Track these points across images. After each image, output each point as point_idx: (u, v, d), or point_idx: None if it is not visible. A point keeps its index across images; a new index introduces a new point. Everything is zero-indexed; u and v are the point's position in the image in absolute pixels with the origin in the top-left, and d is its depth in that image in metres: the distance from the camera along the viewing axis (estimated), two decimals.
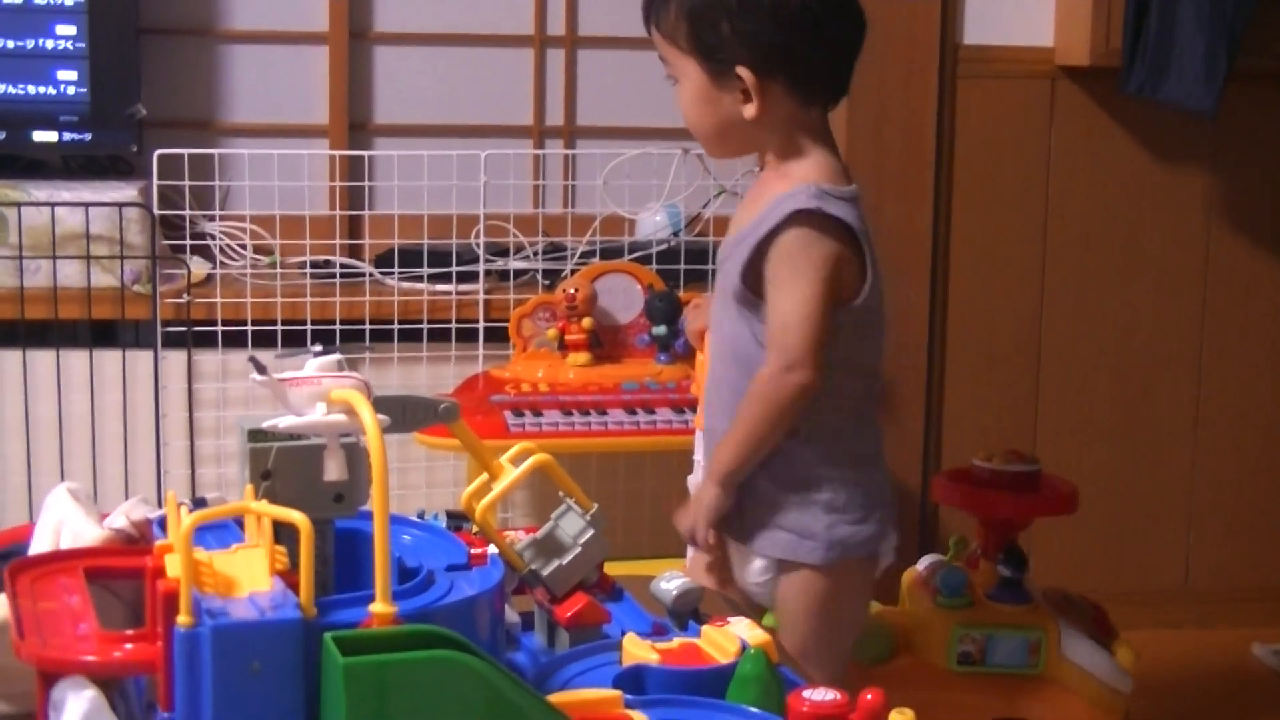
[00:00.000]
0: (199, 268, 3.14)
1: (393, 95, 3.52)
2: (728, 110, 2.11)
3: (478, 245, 3.17)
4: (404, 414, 1.26)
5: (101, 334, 3.13)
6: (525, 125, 3.55)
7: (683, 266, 3.21)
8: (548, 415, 2.95)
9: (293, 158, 3.21)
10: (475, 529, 1.37)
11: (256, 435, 1.22)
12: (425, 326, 3.13)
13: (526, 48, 3.53)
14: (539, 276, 3.24)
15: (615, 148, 3.38)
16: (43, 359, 3.04)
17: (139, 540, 1.41)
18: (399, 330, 3.13)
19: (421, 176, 3.18)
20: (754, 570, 2.18)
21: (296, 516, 1.09)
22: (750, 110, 2.09)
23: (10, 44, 3.14)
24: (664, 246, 3.25)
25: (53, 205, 3.01)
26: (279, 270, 3.18)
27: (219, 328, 3.06)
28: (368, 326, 3.12)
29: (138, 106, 3.19)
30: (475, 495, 1.34)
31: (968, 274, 3.43)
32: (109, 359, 3.07)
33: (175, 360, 3.09)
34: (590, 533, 1.33)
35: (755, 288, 2.10)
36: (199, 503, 1.39)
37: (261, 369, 1.14)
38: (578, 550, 1.33)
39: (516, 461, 1.34)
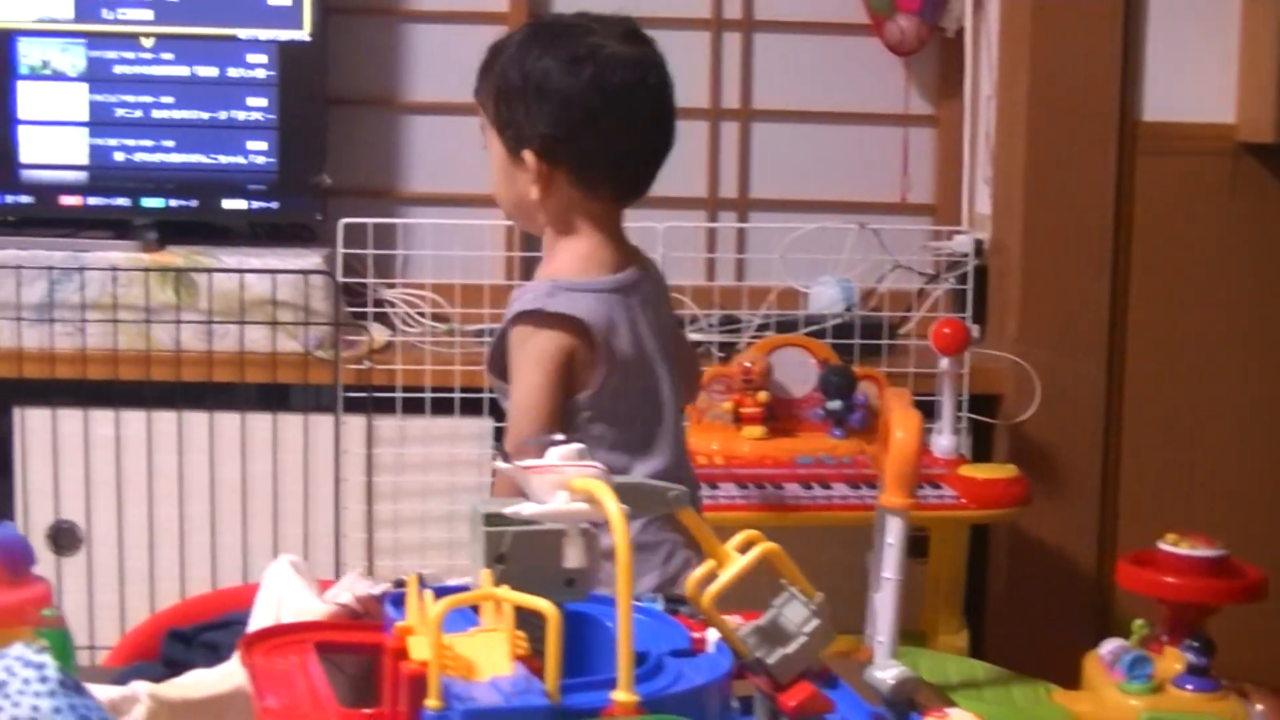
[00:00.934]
0: (379, 334, 3.20)
1: None
2: (521, 188, 2.20)
3: None
4: (635, 500, 1.27)
5: (284, 398, 3.19)
6: (699, 197, 3.57)
7: (857, 341, 3.21)
8: (724, 488, 2.95)
9: (471, 227, 3.25)
10: (694, 612, 1.38)
11: (491, 519, 1.23)
12: None
13: (701, 120, 3.55)
14: (713, 349, 3.25)
15: (788, 220, 3.40)
16: (228, 421, 3.11)
17: (363, 616, 1.43)
18: None
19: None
20: None
21: (544, 604, 1.10)
22: (534, 192, 2.18)
23: (204, 115, 3.22)
24: (839, 320, 3.25)
25: (241, 271, 3.08)
26: (458, 338, 3.22)
27: (399, 394, 3.10)
28: None
29: (323, 176, 3.25)
30: (700, 581, 1.34)
31: (1145, 350, 3.39)
32: (291, 423, 3.13)
33: (355, 425, 3.14)
34: (816, 622, 1.33)
35: (503, 374, 2.18)
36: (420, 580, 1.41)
37: (506, 457, 1.16)
38: (803, 639, 1.32)
39: (742, 548, 1.35)
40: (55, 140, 3.23)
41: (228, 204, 3.25)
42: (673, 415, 2.23)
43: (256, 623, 1.49)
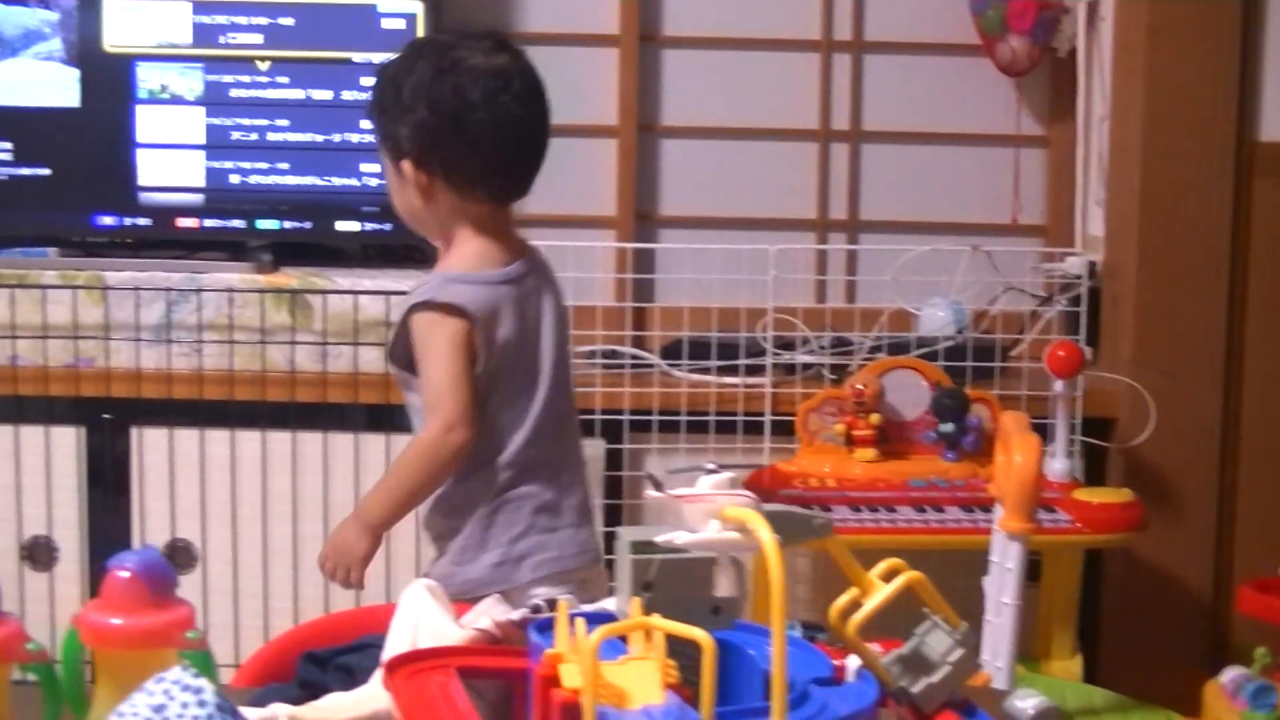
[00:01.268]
0: None
1: (678, 186, 3.57)
2: (410, 198, 2.38)
3: (764, 338, 3.18)
4: (782, 528, 1.27)
5: (393, 418, 3.19)
6: (809, 219, 3.56)
7: (970, 364, 3.19)
8: (836, 511, 2.95)
9: (582, 248, 3.26)
10: (833, 639, 1.37)
11: (639, 547, 1.23)
12: (713, 419, 3.15)
13: (811, 141, 3.55)
14: (824, 370, 3.24)
15: (897, 241, 3.39)
16: (342, 441, 3.13)
17: (502, 641, 1.43)
18: (686, 421, 3.15)
19: (702, 267, 3.21)
20: None
21: (699, 634, 1.10)
22: (418, 200, 2.36)
23: (319, 138, 3.25)
24: (951, 343, 3.24)
25: (355, 293, 3.10)
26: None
27: None
28: (656, 417, 3.15)
29: None
30: (843, 609, 1.34)
31: (1262, 373, 3.35)
32: (402, 443, 3.13)
33: None
34: (960, 652, 1.32)
35: (407, 365, 2.37)
36: (550, 605, 1.42)
37: (659, 486, 1.16)
38: (947, 669, 1.32)
39: (885, 577, 1.34)
40: (173, 163, 3.27)
41: (341, 226, 3.28)
42: (549, 395, 2.40)
43: (393, 646, 1.49)
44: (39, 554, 3.18)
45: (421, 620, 1.51)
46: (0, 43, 3.25)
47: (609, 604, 1.39)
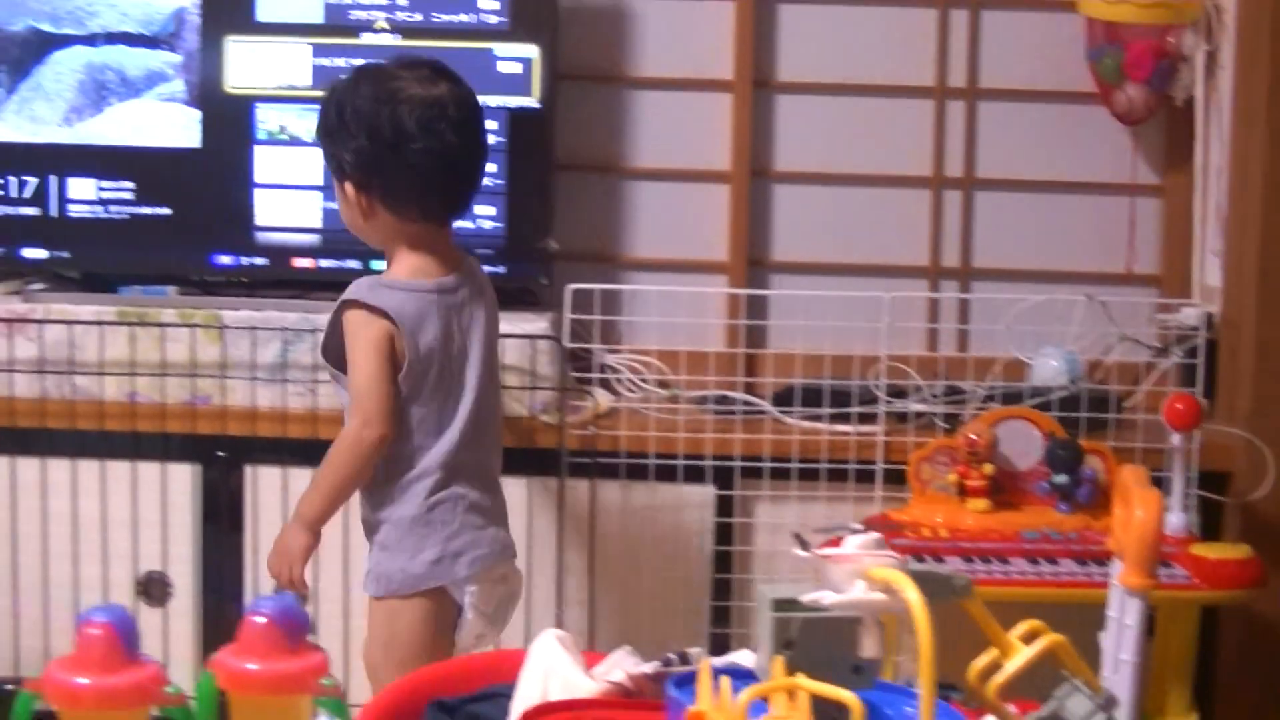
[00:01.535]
0: (603, 399, 3.22)
1: (790, 232, 3.56)
2: (354, 216, 2.58)
3: (877, 386, 3.17)
4: (924, 587, 1.26)
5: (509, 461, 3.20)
6: (921, 265, 3.55)
7: (1084, 414, 3.16)
8: (949, 561, 2.92)
9: (695, 293, 3.27)
10: (969, 699, 1.36)
11: (781, 605, 1.23)
12: (824, 466, 3.14)
13: (924, 189, 3.54)
14: (937, 419, 3.22)
15: (1011, 290, 3.37)
16: None
17: (635, 694, 1.43)
18: (797, 468, 3.14)
19: (815, 313, 3.21)
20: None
21: (847, 696, 1.09)
22: (360, 219, 2.56)
23: None
24: (1065, 393, 3.21)
25: None
26: (681, 405, 3.23)
27: (623, 459, 3.11)
28: (767, 464, 3.14)
29: (550, 241, 3.28)
30: (983, 671, 1.33)
31: None
32: (515, 486, 3.14)
33: (578, 489, 3.15)
34: (1101, 716, 1.31)
35: (337, 363, 2.56)
36: (681, 658, 1.42)
37: (805, 545, 1.16)
38: None
39: (1025, 638, 1.33)
40: (289, 203, 3.31)
41: None
42: (476, 398, 2.57)
43: (523, 697, 1.50)
44: (153, 590, 3.21)
45: (552, 670, 1.52)
46: (124, 84, 3.30)
47: (742, 658, 1.39)
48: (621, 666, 1.46)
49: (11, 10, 3.29)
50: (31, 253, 3.32)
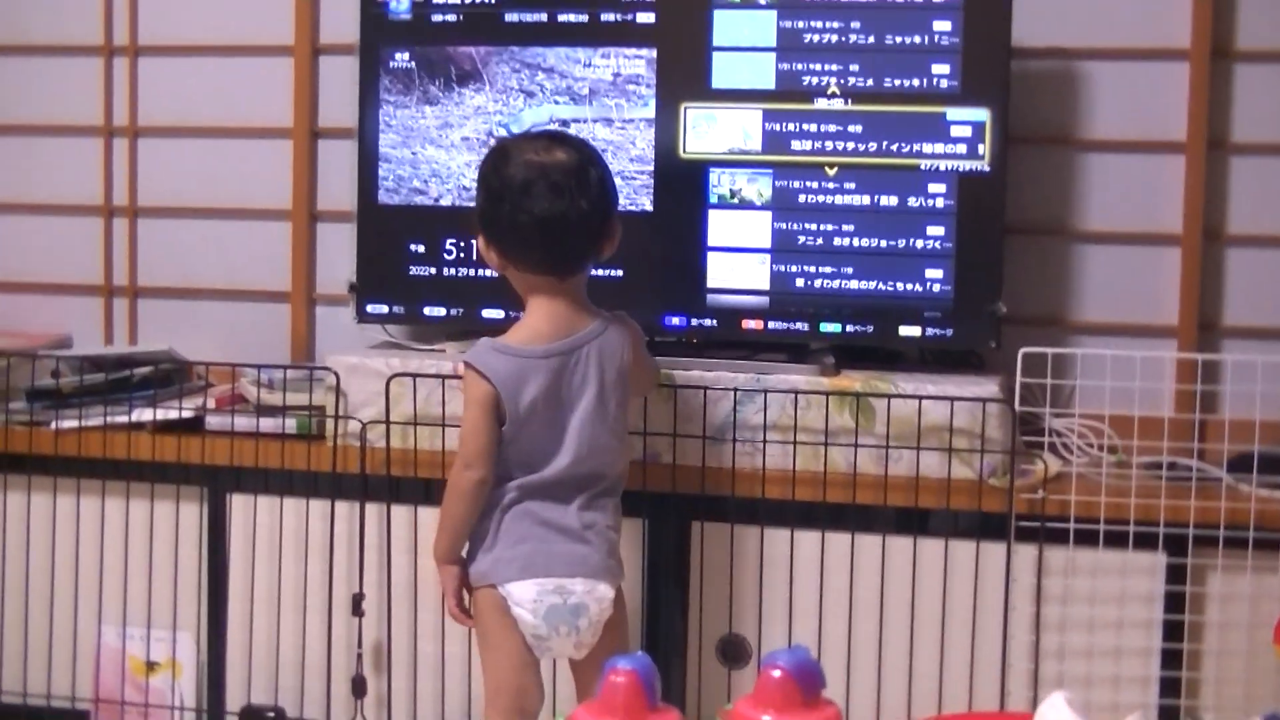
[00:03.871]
0: (1052, 463, 3.18)
1: (1243, 295, 3.47)
2: (494, 267, 2.87)
3: None
4: None
5: (925, 521, 3.19)
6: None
7: None
8: None
9: (1148, 359, 3.20)
10: None
11: None
12: None
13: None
14: None
15: None
16: (891, 543, 3.15)
17: None
18: (1254, 538, 3.05)
19: (1270, 378, 3.10)
20: None
21: None
22: (496, 269, 2.87)
23: (883, 243, 3.30)
24: None
25: (919, 398, 3.12)
26: (1134, 470, 3.17)
27: (1071, 524, 3.07)
28: (1221, 532, 3.06)
29: (999, 304, 3.27)
30: None
31: None
32: (961, 548, 3.14)
33: (1024, 554, 3.12)
34: None
35: None
36: None
37: None
38: None
39: None
40: (740, 266, 3.37)
41: (904, 330, 3.31)
42: (578, 440, 2.80)
43: None
44: None
45: None
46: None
47: None
48: None
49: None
50: (490, 313, 3.47)
